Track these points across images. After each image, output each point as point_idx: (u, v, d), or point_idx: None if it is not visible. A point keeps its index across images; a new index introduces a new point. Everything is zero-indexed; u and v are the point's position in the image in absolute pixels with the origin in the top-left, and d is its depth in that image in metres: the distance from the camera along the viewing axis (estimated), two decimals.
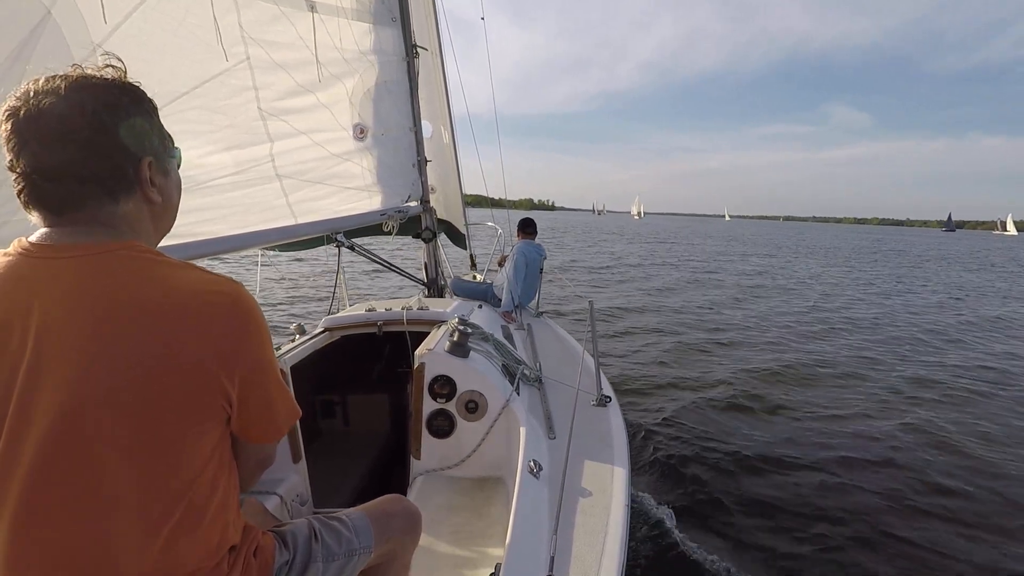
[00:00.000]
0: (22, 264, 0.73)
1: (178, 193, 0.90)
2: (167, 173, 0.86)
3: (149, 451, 0.71)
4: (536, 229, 4.36)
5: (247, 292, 0.80)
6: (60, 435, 0.68)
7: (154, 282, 0.73)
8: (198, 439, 0.75)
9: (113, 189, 0.76)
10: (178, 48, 1.93)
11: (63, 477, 0.68)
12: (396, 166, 3.33)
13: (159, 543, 0.72)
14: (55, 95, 0.71)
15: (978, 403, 5.55)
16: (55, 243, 0.74)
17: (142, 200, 0.81)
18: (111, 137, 0.74)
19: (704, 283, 14.66)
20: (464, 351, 2.11)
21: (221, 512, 0.81)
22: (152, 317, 0.71)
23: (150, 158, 0.80)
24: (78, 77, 0.74)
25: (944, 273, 21.79)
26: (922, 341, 8.43)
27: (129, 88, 0.79)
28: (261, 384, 0.81)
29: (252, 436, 0.85)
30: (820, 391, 5.76)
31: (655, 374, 6.05)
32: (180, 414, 0.72)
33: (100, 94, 0.74)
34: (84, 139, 0.72)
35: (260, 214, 2.40)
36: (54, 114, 0.70)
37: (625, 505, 1.55)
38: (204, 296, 0.75)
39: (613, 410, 2.20)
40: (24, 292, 0.71)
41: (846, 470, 3.95)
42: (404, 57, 3.24)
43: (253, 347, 0.79)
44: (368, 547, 1.12)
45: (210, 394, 0.75)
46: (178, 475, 0.74)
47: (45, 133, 0.70)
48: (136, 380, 0.69)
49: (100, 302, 0.70)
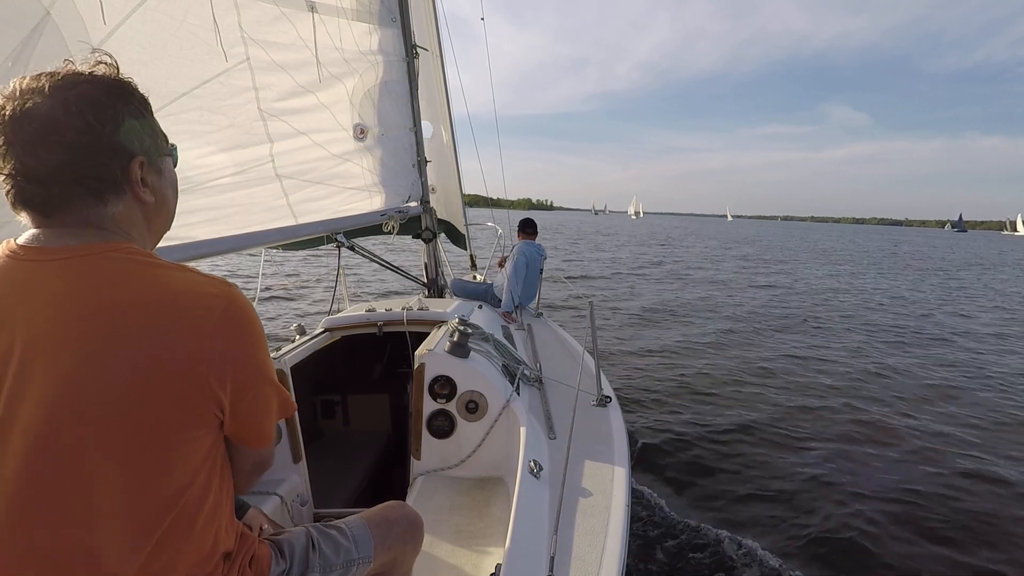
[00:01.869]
0: (8, 266, 0.72)
1: (174, 193, 0.87)
2: (160, 172, 0.83)
3: (139, 457, 0.69)
4: (536, 229, 4.36)
5: (241, 294, 0.77)
6: (47, 441, 0.66)
7: (144, 284, 0.71)
8: (190, 444, 0.73)
9: (100, 190, 0.74)
10: (178, 49, 1.92)
11: (50, 484, 0.67)
12: (396, 166, 3.33)
13: (148, 549, 0.71)
14: (40, 94, 0.69)
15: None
16: (43, 245, 0.72)
17: (133, 201, 0.78)
18: (96, 137, 0.71)
19: (703, 283, 14.65)
20: (464, 351, 2.11)
21: (213, 518, 0.79)
22: (141, 320, 0.68)
23: (141, 157, 0.77)
24: (65, 75, 0.71)
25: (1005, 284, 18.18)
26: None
27: (117, 85, 0.75)
28: (255, 389, 0.79)
29: (246, 440, 0.83)
30: (822, 394, 5.76)
31: (655, 374, 6.05)
32: (170, 419, 0.70)
33: (86, 92, 0.71)
34: (68, 140, 0.69)
35: (261, 214, 2.40)
36: (38, 114, 0.68)
37: (625, 505, 1.55)
38: (195, 298, 0.72)
39: (613, 410, 2.20)
40: (9, 295, 0.70)
41: (850, 473, 3.94)
42: (404, 58, 3.24)
43: (246, 351, 0.76)
44: (367, 557, 1.11)
45: (201, 399, 0.72)
46: (169, 481, 0.72)
47: (28, 134, 0.68)
48: (125, 385, 0.67)
49: (87, 305, 0.68)
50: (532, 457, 1.69)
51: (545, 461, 1.74)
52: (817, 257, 28.16)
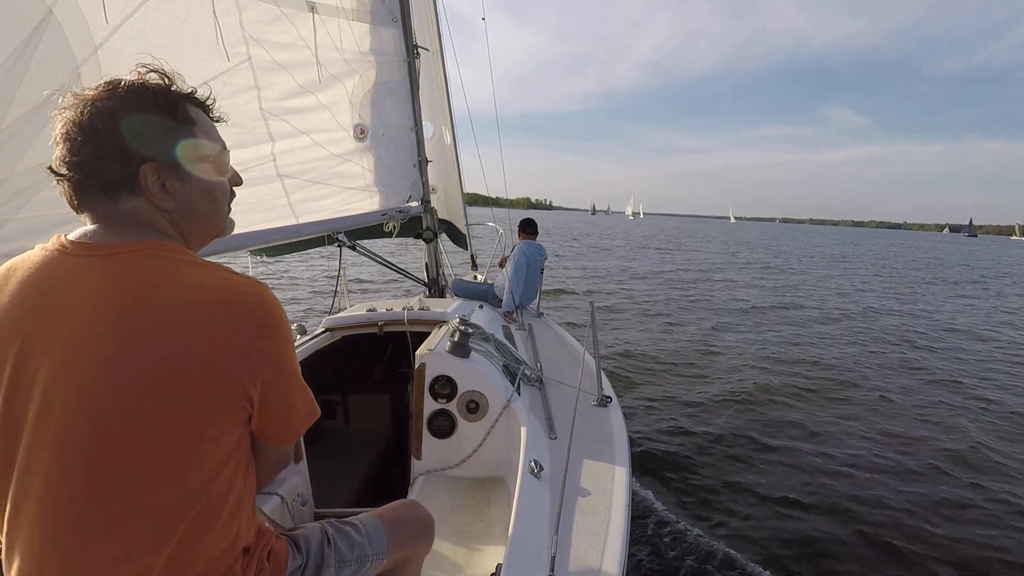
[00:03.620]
0: (55, 260, 0.75)
1: (208, 200, 0.86)
2: (185, 179, 0.81)
3: (167, 450, 0.71)
4: (537, 229, 4.36)
5: (271, 294, 0.80)
6: (78, 433, 0.69)
7: (177, 281, 0.73)
8: (218, 439, 0.75)
9: (110, 189, 0.76)
10: (180, 48, 1.93)
11: (80, 476, 0.69)
12: (397, 166, 3.33)
13: (172, 541, 0.72)
14: (78, 100, 0.75)
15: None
16: (88, 241, 0.76)
17: (149, 204, 0.79)
18: (105, 141, 0.74)
19: (704, 287, 14.63)
20: (465, 351, 2.11)
21: (236, 513, 0.80)
22: (173, 316, 0.71)
23: (154, 163, 0.77)
24: (106, 83, 0.77)
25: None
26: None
27: (138, 90, 0.78)
28: (283, 385, 0.81)
29: (270, 437, 0.85)
30: (825, 399, 5.75)
31: (657, 374, 6.05)
32: (200, 414, 0.72)
33: (104, 100, 0.75)
34: (80, 143, 0.73)
35: (262, 213, 2.40)
36: (67, 120, 0.74)
37: (626, 505, 1.55)
38: (227, 296, 0.75)
39: (614, 410, 2.20)
40: (53, 289, 0.73)
41: (854, 476, 3.94)
42: (405, 58, 3.24)
43: (276, 349, 0.79)
44: (381, 553, 1.12)
45: (231, 394, 0.75)
46: (196, 474, 0.73)
47: (60, 137, 0.75)
48: (156, 379, 0.69)
49: (123, 301, 0.71)
50: (533, 457, 1.69)
51: (546, 461, 1.74)
52: (866, 266, 24.86)
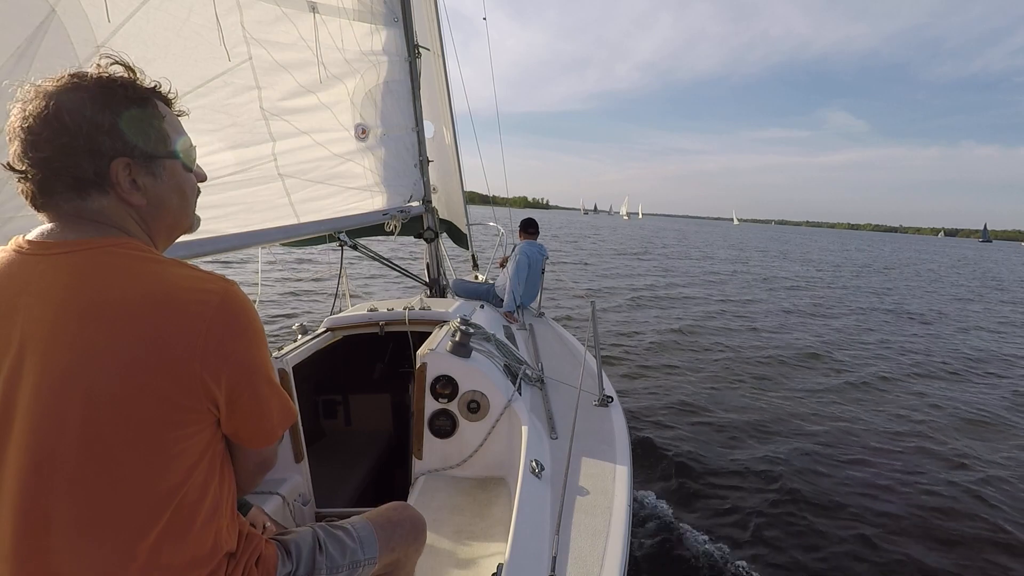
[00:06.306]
0: (12, 260, 0.73)
1: (179, 196, 0.84)
2: (156, 175, 0.79)
3: (133, 453, 0.69)
4: (538, 229, 4.36)
5: (238, 290, 0.76)
6: (43, 436, 0.67)
7: (140, 279, 0.71)
8: (185, 441, 0.73)
9: (79, 187, 0.74)
10: (181, 48, 1.93)
11: (46, 481, 0.67)
12: (398, 166, 3.33)
13: (145, 548, 0.70)
14: (38, 96, 0.71)
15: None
16: (45, 240, 0.74)
17: (118, 200, 0.76)
18: (73, 137, 0.71)
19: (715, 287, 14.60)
20: (466, 351, 2.11)
21: (213, 517, 0.78)
22: (136, 315, 0.68)
23: (125, 159, 0.75)
24: (62, 77, 0.73)
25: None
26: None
27: (106, 86, 0.74)
28: (250, 386, 0.78)
29: (245, 439, 0.82)
30: (831, 396, 5.75)
31: (658, 373, 6.05)
32: (164, 415, 0.70)
33: (70, 93, 0.72)
34: (47, 139, 0.70)
35: (263, 213, 2.40)
36: (30, 114, 0.71)
37: (627, 505, 1.55)
38: (190, 294, 0.72)
39: (615, 410, 2.20)
40: (9, 288, 0.71)
41: (857, 481, 3.94)
42: (406, 58, 3.24)
43: (241, 347, 0.75)
44: (372, 558, 1.11)
45: (194, 395, 0.72)
46: (165, 478, 0.71)
47: (24, 132, 0.71)
48: (119, 380, 0.67)
49: (83, 300, 0.68)
50: (534, 457, 1.69)
51: (547, 461, 1.74)
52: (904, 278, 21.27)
